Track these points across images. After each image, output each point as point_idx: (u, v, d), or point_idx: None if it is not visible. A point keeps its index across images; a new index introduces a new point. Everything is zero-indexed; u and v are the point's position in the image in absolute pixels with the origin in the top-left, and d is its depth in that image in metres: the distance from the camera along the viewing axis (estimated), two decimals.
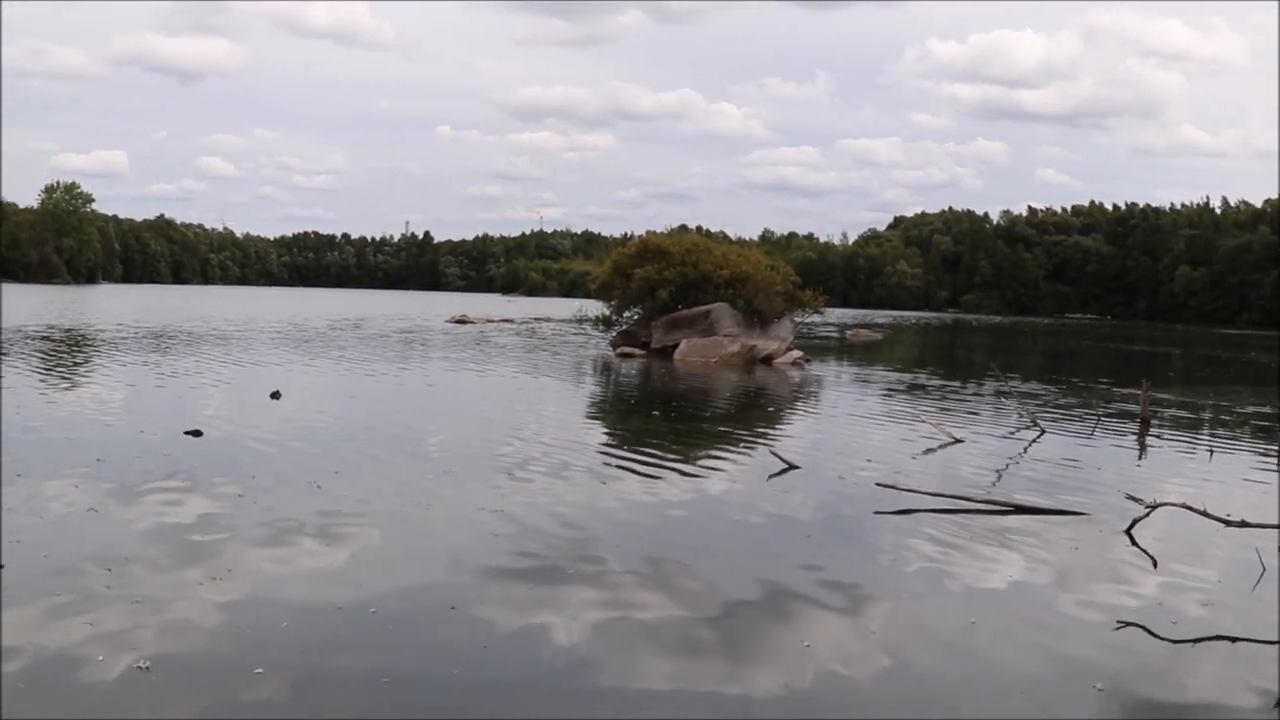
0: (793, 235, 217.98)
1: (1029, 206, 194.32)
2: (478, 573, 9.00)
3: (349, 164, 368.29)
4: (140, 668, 6.52)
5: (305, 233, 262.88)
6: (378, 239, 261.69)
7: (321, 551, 9.52)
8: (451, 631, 7.56)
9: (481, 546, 9.89)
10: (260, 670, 6.61)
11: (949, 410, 23.42)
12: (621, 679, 6.84)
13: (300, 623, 7.55)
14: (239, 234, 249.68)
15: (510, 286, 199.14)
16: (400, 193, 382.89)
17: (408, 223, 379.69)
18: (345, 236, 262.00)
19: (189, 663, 6.70)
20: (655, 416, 20.71)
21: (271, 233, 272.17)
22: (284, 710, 6.15)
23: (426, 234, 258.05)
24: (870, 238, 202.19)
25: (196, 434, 15.39)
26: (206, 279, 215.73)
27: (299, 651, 7.01)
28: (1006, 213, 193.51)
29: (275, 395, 20.76)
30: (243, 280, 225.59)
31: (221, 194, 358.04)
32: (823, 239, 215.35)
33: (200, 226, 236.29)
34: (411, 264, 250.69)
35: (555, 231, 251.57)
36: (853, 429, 20.03)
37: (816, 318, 46.73)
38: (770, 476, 14.08)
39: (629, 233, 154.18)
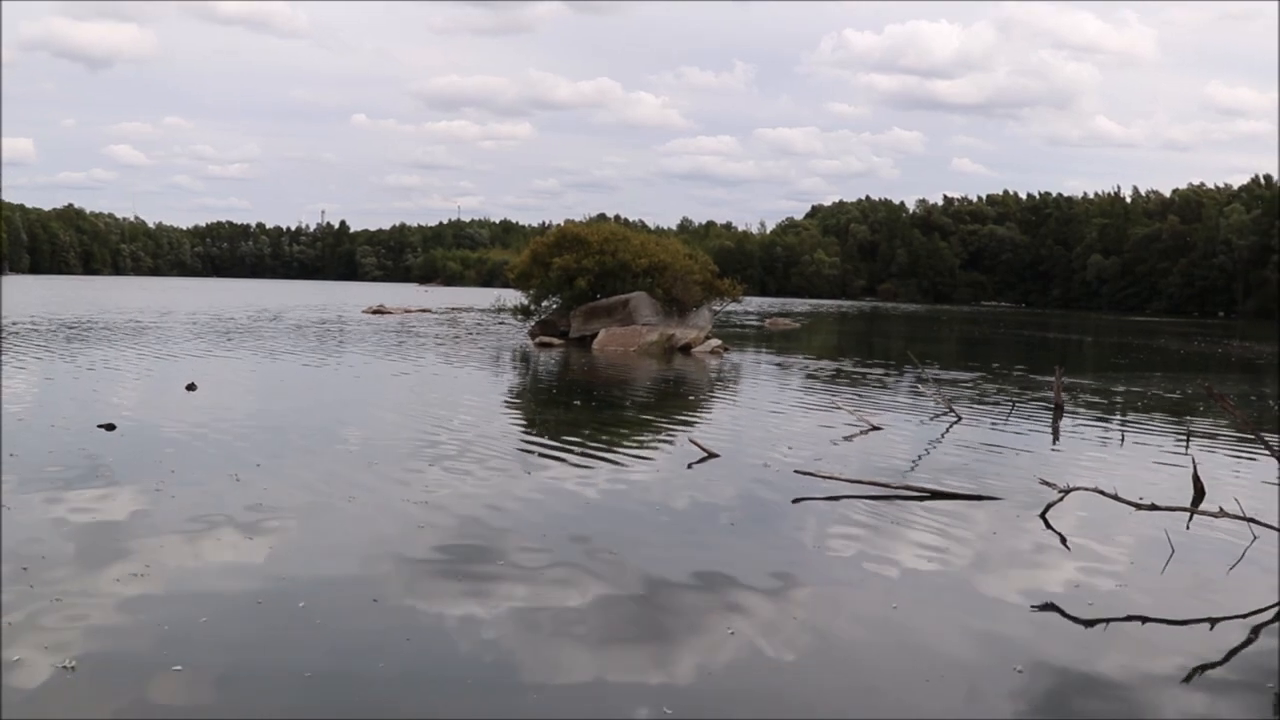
0: (711, 224, 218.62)
1: (945, 196, 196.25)
2: (401, 564, 8.94)
3: (264, 153, 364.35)
4: (65, 667, 6.42)
5: (219, 222, 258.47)
6: (293, 229, 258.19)
7: (242, 545, 9.39)
8: (374, 624, 7.50)
9: (404, 538, 9.83)
10: (179, 667, 6.51)
11: (867, 398, 23.62)
12: (544, 669, 6.81)
13: (221, 618, 7.45)
14: (151, 224, 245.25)
15: (428, 276, 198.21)
16: (316, 182, 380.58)
17: (324, 212, 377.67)
18: (260, 226, 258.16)
19: (107, 662, 6.60)
20: (575, 406, 20.68)
21: (184, 222, 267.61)
22: (204, 708, 6.07)
23: (343, 224, 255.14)
24: (788, 227, 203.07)
25: (110, 427, 15.14)
26: (118, 270, 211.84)
27: (219, 647, 6.91)
28: (923, 202, 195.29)
29: (191, 387, 20.49)
30: (155, 271, 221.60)
31: (132, 183, 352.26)
32: (741, 228, 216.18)
33: (111, 216, 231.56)
34: (328, 254, 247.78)
35: (473, 221, 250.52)
36: (771, 417, 20.12)
37: (735, 306, 47.05)
38: (690, 465, 14.11)
39: (547, 222, 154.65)
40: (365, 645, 7.08)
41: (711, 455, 14.56)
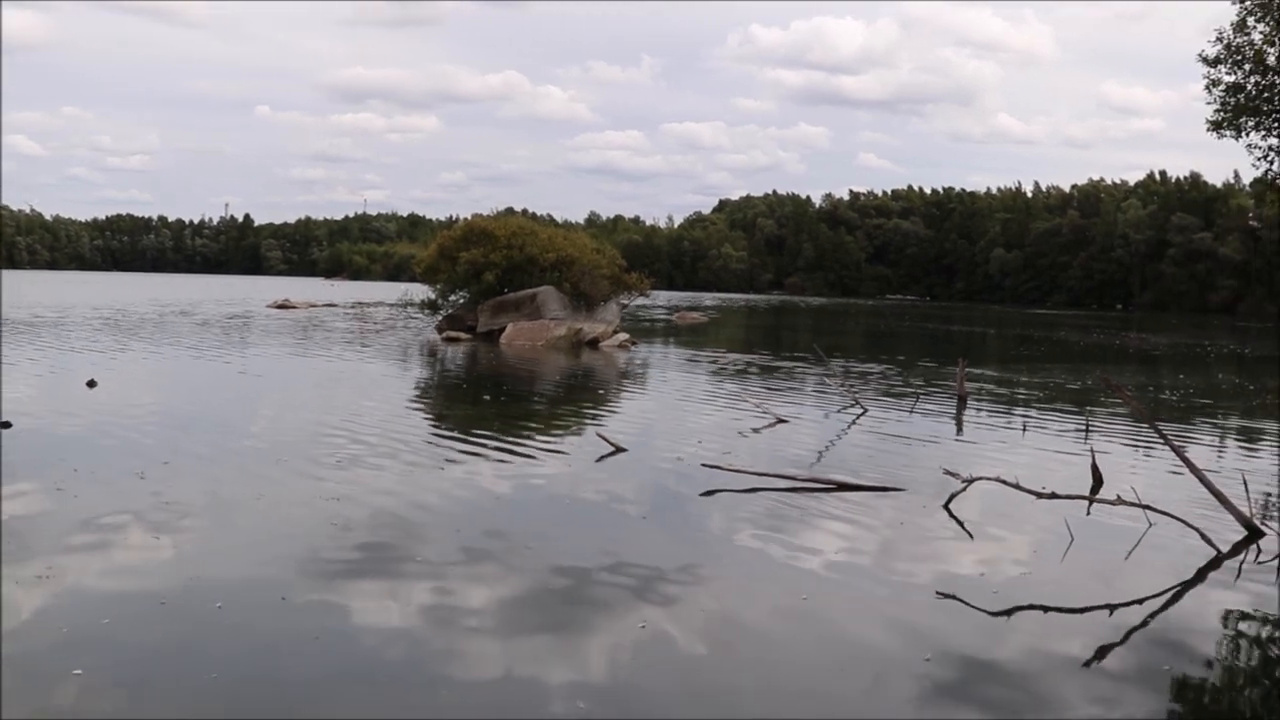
0: (619, 218, 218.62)
1: (851, 190, 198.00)
2: (310, 562, 8.84)
3: (165, 145, 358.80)
4: None
5: (119, 215, 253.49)
6: (196, 222, 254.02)
7: (148, 545, 9.22)
8: (282, 624, 7.41)
9: (313, 535, 9.72)
10: (79, 671, 6.37)
11: (774, 391, 23.77)
12: (455, 665, 6.78)
13: (124, 620, 7.30)
14: (48, 216, 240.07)
15: (334, 270, 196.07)
16: (219, 175, 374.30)
17: (227, 205, 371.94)
18: (162, 219, 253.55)
19: (4, 667, 6.42)
20: (483, 401, 20.59)
21: (83, 215, 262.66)
22: (105, 713, 5.95)
23: (247, 217, 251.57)
24: (695, 221, 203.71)
25: (6, 425, 14.78)
26: (13, 263, 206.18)
27: (122, 650, 6.79)
28: (829, 196, 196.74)
29: (91, 384, 20.11)
30: (52, 265, 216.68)
31: (28, 174, 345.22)
32: (649, 222, 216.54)
33: (6, 208, 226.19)
34: (231, 248, 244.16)
35: (379, 214, 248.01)
36: (680, 410, 20.18)
37: (643, 300, 47.05)
38: (598, 459, 14.10)
39: (455, 216, 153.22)
40: (273, 645, 7.00)
41: (619, 450, 14.56)
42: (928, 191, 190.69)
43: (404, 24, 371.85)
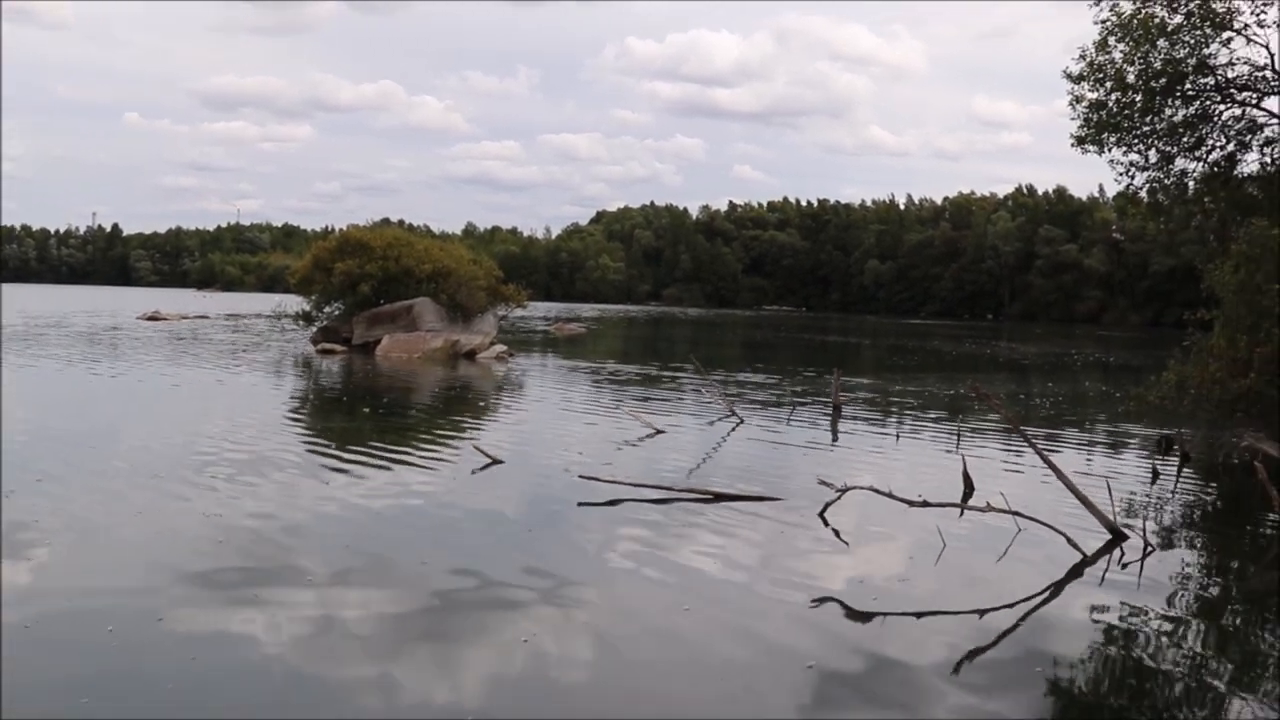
0: (496, 229, 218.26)
1: (730, 201, 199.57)
2: (184, 580, 8.63)
3: (28, 151, 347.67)
4: None
5: None
6: (61, 231, 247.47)
7: (16, 566, 8.88)
8: (158, 643, 7.24)
9: (188, 552, 9.50)
10: None
11: (652, 402, 23.83)
12: (333, 684, 6.68)
13: None
14: None
15: (206, 281, 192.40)
16: (86, 183, 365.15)
17: (94, 214, 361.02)
18: (25, 228, 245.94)
19: None
20: (358, 414, 20.34)
21: None
22: None
23: (115, 226, 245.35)
24: (573, 232, 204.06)
25: None
26: None
27: None
28: (706, 207, 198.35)
29: None
30: None
31: None
32: (526, 233, 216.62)
33: None
34: (99, 258, 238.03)
35: (253, 225, 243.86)
36: (557, 422, 20.13)
37: (521, 312, 46.95)
38: (474, 472, 14.00)
39: (330, 226, 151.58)
40: (148, 666, 6.84)
41: (496, 461, 14.48)
42: (803, 203, 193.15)
43: (276, 31, 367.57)
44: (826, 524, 11.44)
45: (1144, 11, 18.93)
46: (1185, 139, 20.03)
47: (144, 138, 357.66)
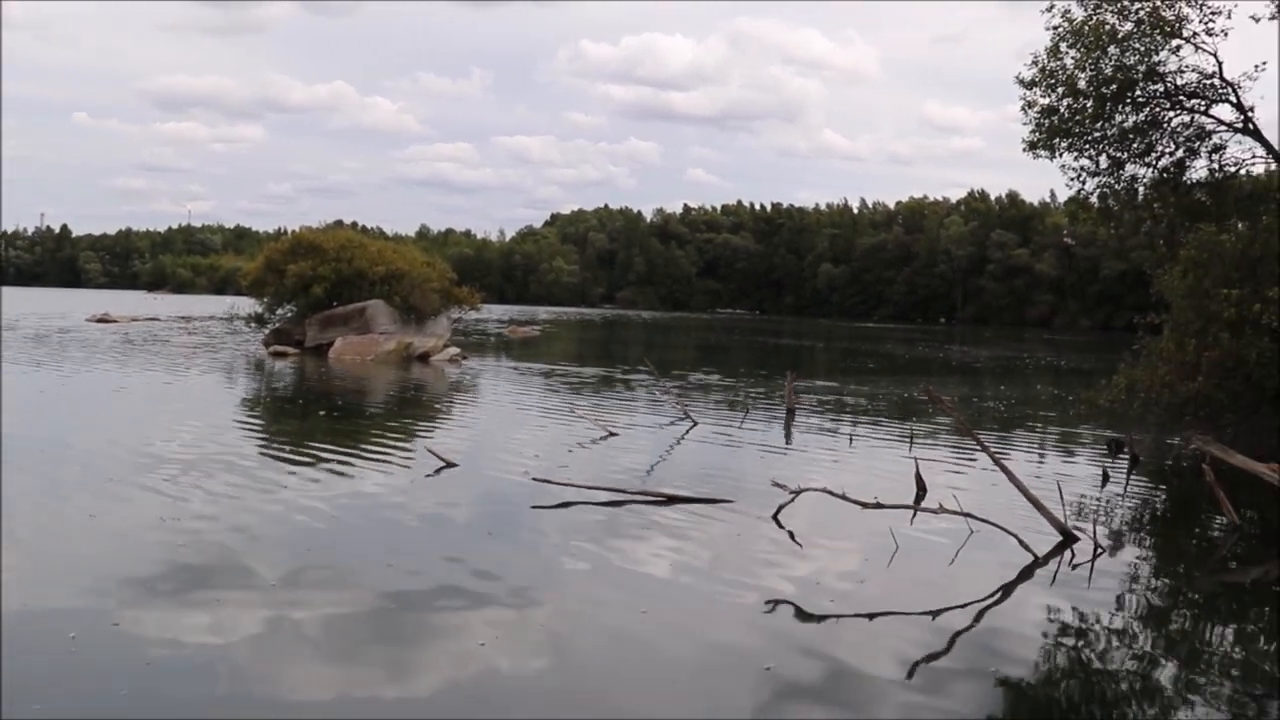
0: (450, 232, 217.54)
1: (684, 204, 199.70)
2: (139, 584, 8.57)
3: None
4: None
5: None
6: (9, 232, 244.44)
7: None
8: (114, 650, 7.18)
9: (142, 557, 9.44)
10: None
11: (606, 404, 23.82)
12: (285, 689, 6.66)
13: None
14: None
15: (157, 283, 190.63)
16: (34, 183, 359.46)
17: (43, 215, 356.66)
18: None
19: None
20: (311, 417, 20.21)
21: None
22: None
23: (64, 227, 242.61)
24: (527, 234, 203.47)
25: None
26: None
27: None
28: (660, 210, 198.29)
29: None
30: None
31: None
32: (480, 235, 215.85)
33: None
34: (47, 259, 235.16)
35: (205, 226, 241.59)
36: (511, 425, 20.09)
37: (474, 314, 46.80)
38: (429, 475, 13.94)
39: (283, 228, 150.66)
40: (105, 673, 6.79)
41: (450, 465, 14.43)
42: (757, 207, 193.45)
43: (228, 31, 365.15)
44: (780, 526, 11.47)
45: (1095, 18, 19.09)
46: (1135, 145, 20.20)
47: (94, 138, 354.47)
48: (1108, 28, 19.13)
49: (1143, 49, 19.36)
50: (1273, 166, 20.53)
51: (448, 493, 12.97)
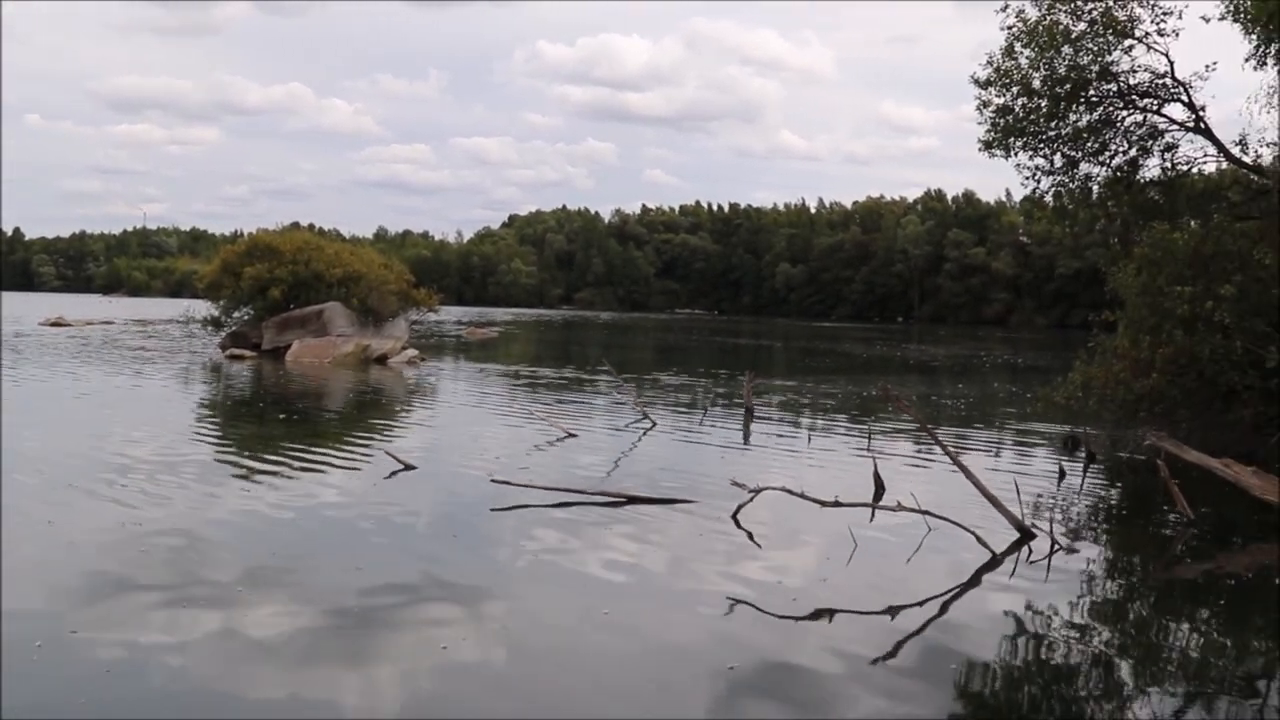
0: (407, 233, 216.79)
1: (642, 205, 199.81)
2: (100, 592, 8.51)
3: None
4: None
5: None
6: None
7: None
8: (74, 658, 7.11)
9: (102, 564, 9.35)
10: None
11: (565, 406, 23.79)
12: (244, 696, 6.61)
13: None
14: None
15: (111, 287, 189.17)
16: None
17: None
18: None
19: None
20: (269, 421, 20.10)
21: None
22: None
23: (17, 230, 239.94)
24: (485, 236, 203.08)
25: None
26: None
27: None
28: (619, 211, 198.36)
29: None
30: None
31: None
32: (438, 237, 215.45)
33: None
34: None
35: (160, 229, 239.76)
36: (469, 427, 20.05)
37: (432, 316, 46.67)
38: (387, 477, 13.88)
39: (239, 230, 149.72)
40: (64, 681, 6.71)
41: (409, 467, 14.37)
42: (715, 207, 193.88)
43: (182, 32, 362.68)
44: (740, 526, 11.48)
45: (1049, 18, 19.21)
46: (1089, 144, 20.33)
47: (46, 139, 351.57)
48: (1061, 27, 19.25)
49: (1096, 49, 19.48)
50: (1224, 165, 20.74)
51: (407, 495, 12.91)
